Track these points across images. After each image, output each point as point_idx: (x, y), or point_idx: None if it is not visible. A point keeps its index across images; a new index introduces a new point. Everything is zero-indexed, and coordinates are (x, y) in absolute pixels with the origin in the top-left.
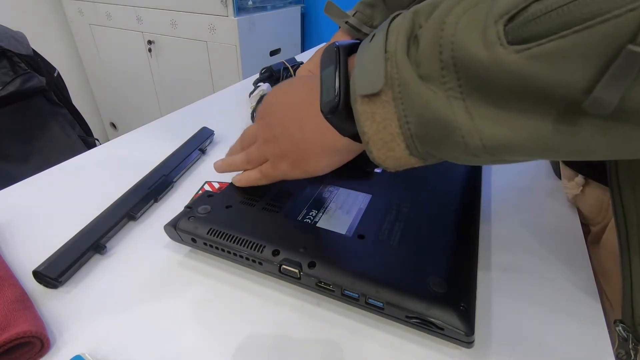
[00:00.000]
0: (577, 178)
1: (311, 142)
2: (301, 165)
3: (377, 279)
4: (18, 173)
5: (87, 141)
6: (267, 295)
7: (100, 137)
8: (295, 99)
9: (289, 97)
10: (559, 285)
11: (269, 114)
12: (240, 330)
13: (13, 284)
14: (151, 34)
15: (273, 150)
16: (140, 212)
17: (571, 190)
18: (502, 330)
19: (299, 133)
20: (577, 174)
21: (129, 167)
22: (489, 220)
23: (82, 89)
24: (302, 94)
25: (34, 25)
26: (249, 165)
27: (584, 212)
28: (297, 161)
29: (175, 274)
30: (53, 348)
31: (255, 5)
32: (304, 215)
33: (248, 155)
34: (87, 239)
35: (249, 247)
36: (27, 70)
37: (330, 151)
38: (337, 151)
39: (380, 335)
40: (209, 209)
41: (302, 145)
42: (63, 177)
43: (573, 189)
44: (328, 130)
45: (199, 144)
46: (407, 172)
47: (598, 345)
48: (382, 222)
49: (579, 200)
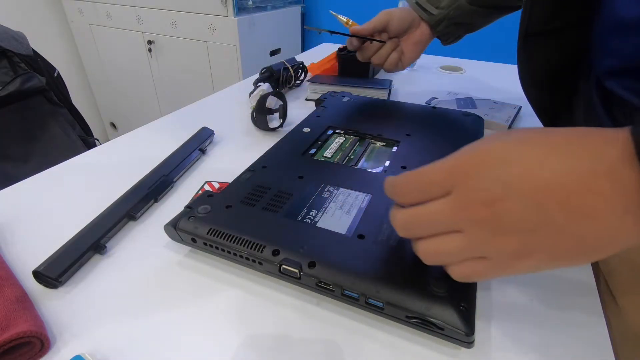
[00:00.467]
0: None
1: (594, 239)
2: (573, 258)
3: (377, 279)
4: (18, 173)
5: (87, 141)
6: (267, 295)
7: (100, 137)
8: (546, 172)
9: (505, 176)
10: (559, 285)
11: (475, 191)
12: (240, 330)
13: (13, 284)
14: (151, 34)
15: (500, 248)
16: (140, 212)
17: None
18: (502, 330)
19: (565, 225)
20: None
21: (129, 167)
22: None
23: (82, 89)
24: (554, 163)
25: (34, 25)
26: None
27: None
28: (564, 255)
29: (175, 274)
30: (53, 348)
31: (255, 5)
32: (304, 215)
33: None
34: (87, 239)
35: (249, 247)
36: (27, 70)
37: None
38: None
39: (380, 335)
40: (209, 209)
41: (574, 241)
42: (63, 177)
43: None
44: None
45: (199, 144)
46: None
47: (598, 345)
48: (382, 222)
49: None
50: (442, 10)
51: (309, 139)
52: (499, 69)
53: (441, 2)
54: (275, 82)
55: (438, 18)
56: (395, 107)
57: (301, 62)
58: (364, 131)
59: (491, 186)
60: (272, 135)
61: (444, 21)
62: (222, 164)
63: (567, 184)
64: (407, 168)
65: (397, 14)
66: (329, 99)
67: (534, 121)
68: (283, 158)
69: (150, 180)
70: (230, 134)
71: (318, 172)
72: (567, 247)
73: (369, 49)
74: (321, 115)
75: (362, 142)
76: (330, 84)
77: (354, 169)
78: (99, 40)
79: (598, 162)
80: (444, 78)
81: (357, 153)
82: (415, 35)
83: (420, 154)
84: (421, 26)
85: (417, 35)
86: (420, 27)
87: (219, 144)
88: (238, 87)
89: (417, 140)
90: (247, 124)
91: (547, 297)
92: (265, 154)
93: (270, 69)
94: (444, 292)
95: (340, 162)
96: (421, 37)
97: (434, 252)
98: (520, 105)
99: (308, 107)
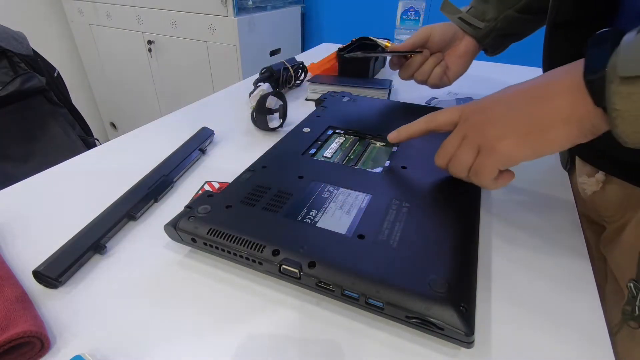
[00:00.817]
0: (597, 175)
1: (541, 114)
2: (531, 140)
3: (377, 279)
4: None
5: (87, 141)
6: (267, 295)
7: (100, 137)
8: (503, 96)
9: (493, 100)
10: (560, 285)
11: (474, 113)
12: (240, 330)
13: (13, 284)
14: (151, 34)
15: (487, 134)
16: (140, 212)
17: (590, 187)
18: (502, 330)
19: (525, 108)
20: (598, 170)
21: (129, 167)
22: (490, 219)
23: (82, 89)
24: (509, 93)
25: (34, 25)
26: (455, 168)
27: (600, 210)
28: (525, 136)
29: (175, 274)
30: (53, 348)
31: (255, 5)
32: (304, 215)
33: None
34: (87, 239)
35: (249, 247)
36: (27, 70)
37: (569, 120)
38: (578, 120)
39: (380, 335)
40: (209, 208)
41: (530, 119)
42: (63, 177)
43: (593, 185)
44: (564, 100)
45: (199, 144)
46: (407, 173)
47: (598, 345)
48: (382, 222)
49: (597, 197)
50: (489, 23)
51: (309, 139)
52: (499, 68)
53: (487, 15)
54: (275, 82)
55: (485, 32)
56: (395, 107)
57: (301, 62)
58: (364, 131)
59: (482, 103)
60: (272, 135)
61: (492, 33)
62: (222, 164)
63: (532, 86)
64: (407, 168)
65: (438, 29)
66: (329, 99)
67: None
68: (283, 158)
69: (150, 180)
70: (230, 134)
71: (318, 172)
72: (527, 125)
73: (411, 65)
74: (321, 115)
75: (362, 142)
76: (330, 84)
77: (354, 169)
78: (99, 40)
79: (556, 79)
80: None
81: (357, 153)
82: (459, 49)
83: (420, 153)
84: (465, 39)
85: (462, 48)
86: (464, 40)
87: (219, 144)
88: (238, 87)
89: (417, 140)
90: (247, 124)
91: (547, 297)
92: (265, 154)
93: (270, 69)
94: (444, 292)
95: (340, 162)
96: (466, 50)
97: (457, 163)
98: None
99: (308, 107)
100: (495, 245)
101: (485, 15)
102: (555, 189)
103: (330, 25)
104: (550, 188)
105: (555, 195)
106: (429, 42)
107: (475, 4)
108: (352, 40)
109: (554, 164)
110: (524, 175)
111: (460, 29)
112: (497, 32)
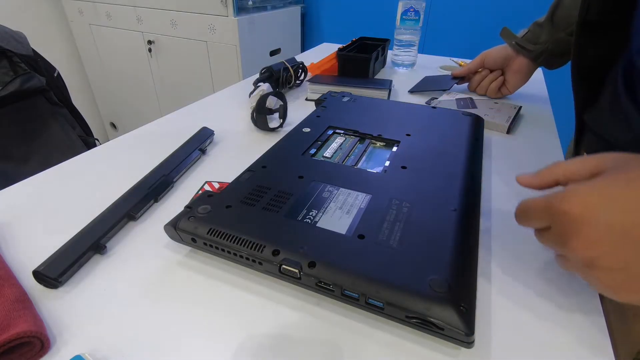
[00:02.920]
0: None
1: None
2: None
3: (377, 279)
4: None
5: (87, 141)
6: (267, 295)
7: (100, 137)
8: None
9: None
10: (560, 285)
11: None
12: (240, 330)
13: (13, 284)
14: (151, 34)
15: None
16: (140, 212)
17: None
18: (502, 330)
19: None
20: None
21: (129, 167)
22: (489, 219)
23: (82, 89)
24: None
25: (34, 25)
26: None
27: None
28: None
29: (175, 274)
30: (53, 348)
31: (255, 5)
32: (304, 215)
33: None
34: (87, 239)
35: (249, 247)
36: (27, 70)
37: None
38: None
39: (380, 335)
40: (209, 208)
41: None
42: (63, 177)
43: None
44: None
45: (199, 144)
46: (407, 173)
47: (598, 346)
48: (382, 222)
49: None
50: (540, 46)
51: (309, 139)
52: None
53: (540, 38)
54: (275, 82)
55: (536, 53)
56: (395, 107)
57: (301, 62)
58: (364, 131)
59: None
60: (272, 135)
61: (544, 54)
62: (222, 164)
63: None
64: (407, 168)
65: (492, 53)
66: (329, 99)
67: (534, 121)
68: (283, 158)
69: (150, 180)
70: (230, 134)
71: (318, 172)
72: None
73: (471, 83)
74: (321, 115)
75: (362, 142)
76: (330, 84)
77: (354, 169)
78: (99, 40)
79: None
80: None
81: (357, 153)
82: (514, 66)
83: (420, 154)
84: (519, 58)
85: (516, 66)
86: (519, 58)
87: (219, 144)
88: (238, 87)
89: (417, 140)
90: (247, 124)
91: (547, 298)
92: (265, 154)
93: (270, 69)
94: (444, 292)
95: (340, 162)
96: (520, 67)
97: (545, 240)
98: (520, 105)
99: (308, 107)
100: (495, 245)
101: (538, 39)
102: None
103: (330, 25)
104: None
105: None
106: (484, 64)
107: (532, 28)
108: (352, 40)
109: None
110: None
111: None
112: (549, 52)
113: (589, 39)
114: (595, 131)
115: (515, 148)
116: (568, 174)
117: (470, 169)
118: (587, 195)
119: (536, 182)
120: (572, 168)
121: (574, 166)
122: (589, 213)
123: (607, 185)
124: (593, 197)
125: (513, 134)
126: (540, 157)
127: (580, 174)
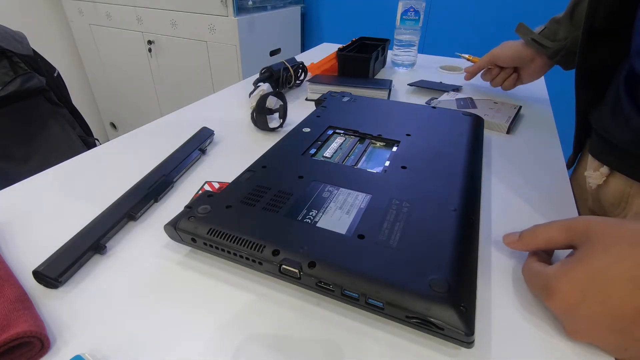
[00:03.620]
0: (602, 168)
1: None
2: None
3: (377, 279)
4: (18, 173)
5: (87, 141)
6: (267, 295)
7: (100, 137)
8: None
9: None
10: None
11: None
12: (240, 330)
13: (13, 284)
14: (151, 34)
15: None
16: (140, 212)
17: (595, 180)
18: (502, 330)
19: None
20: (603, 164)
21: (129, 167)
22: (489, 219)
23: (82, 89)
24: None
25: (34, 25)
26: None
27: (604, 204)
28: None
29: (175, 274)
30: (53, 348)
31: (255, 5)
32: (304, 215)
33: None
34: (87, 239)
35: (249, 247)
36: (27, 70)
37: None
38: None
39: (380, 335)
40: (209, 208)
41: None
42: (63, 177)
43: (597, 179)
44: None
45: (199, 144)
46: (407, 173)
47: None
48: (382, 222)
49: (601, 190)
50: (558, 43)
51: (309, 139)
52: None
53: (558, 35)
54: (275, 82)
55: (554, 50)
56: (395, 107)
57: (301, 62)
58: (364, 131)
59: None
60: (272, 135)
61: (561, 52)
62: (222, 164)
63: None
64: (407, 168)
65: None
66: (329, 99)
67: (534, 121)
68: (283, 158)
69: (150, 180)
70: (230, 134)
71: (318, 172)
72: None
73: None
74: (321, 115)
75: (362, 142)
76: (330, 84)
77: (354, 169)
78: (99, 40)
79: None
80: (444, 78)
81: (357, 153)
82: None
83: (420, 154)
84: (536, 60)
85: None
86: (535, 61)
87: (219, 144)
88: (238, 87)
89: (417, 140)
90: (247, 124)
91: None
92: (265, 154)
93: (270, 69)
94: (444, 292)
95: (340, 162)
96: (535, 65)
97: (530, 279)
98: (520, 105)
99: (308, 107)
100: (496, 245)
101: (556, 36)
102: (556, 189)
103: (330, 25)
104: (551, 188)
105: (556, 196)
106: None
107: (549, 24)
108: (352, 40)
109: (555, 163)
110: (525, 175)
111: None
112: (567, 50)
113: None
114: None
115: (515, 148)
116: (549, 242)
117: (470, 169)
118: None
119: (519, 246)
120: (550, 235)
121: (552, 233)
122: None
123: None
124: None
125: (513, 134)
126: (540, 157)
127: (557, 241)
